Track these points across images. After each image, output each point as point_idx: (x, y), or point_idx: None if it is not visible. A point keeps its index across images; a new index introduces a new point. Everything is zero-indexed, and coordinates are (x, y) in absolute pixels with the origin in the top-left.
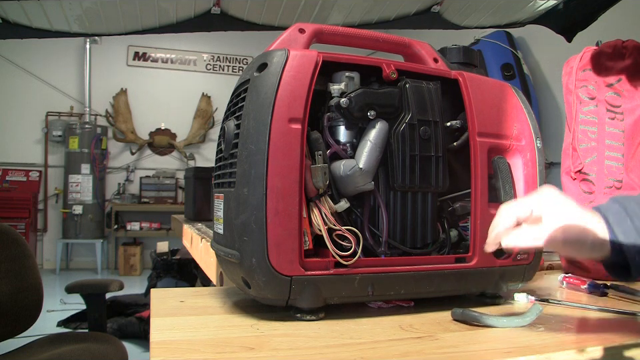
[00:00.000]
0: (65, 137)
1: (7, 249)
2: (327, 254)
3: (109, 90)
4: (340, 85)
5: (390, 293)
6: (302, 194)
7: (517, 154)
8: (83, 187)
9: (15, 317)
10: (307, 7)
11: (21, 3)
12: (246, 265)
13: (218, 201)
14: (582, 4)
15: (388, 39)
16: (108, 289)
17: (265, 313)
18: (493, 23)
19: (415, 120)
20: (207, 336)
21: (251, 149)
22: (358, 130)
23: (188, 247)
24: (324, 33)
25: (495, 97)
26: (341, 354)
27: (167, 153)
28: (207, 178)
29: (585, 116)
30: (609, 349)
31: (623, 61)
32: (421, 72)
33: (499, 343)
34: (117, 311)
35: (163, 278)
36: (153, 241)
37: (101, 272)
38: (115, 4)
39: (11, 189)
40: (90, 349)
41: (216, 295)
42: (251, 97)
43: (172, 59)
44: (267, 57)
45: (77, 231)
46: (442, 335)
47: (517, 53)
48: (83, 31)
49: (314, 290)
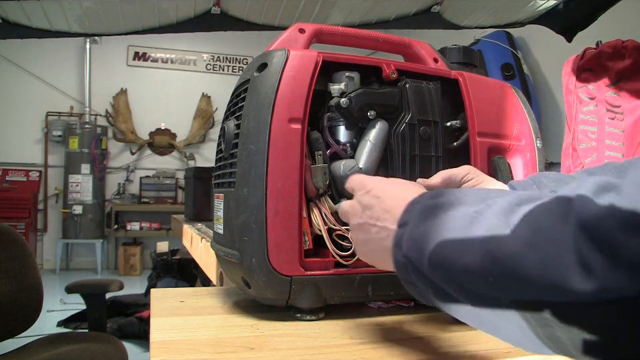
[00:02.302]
0: (64, 137)
1: (7, 249)
2: (327, 254)
3: (108, 90)
4: (340, 85)
5: (390, 292)
6: (302, 194)
7: (517, 154)
8: (83, 187)
9: (14, 317)
10: (306, 7)
11: (20, 3)
12: (246, 265)
13: (218, 200)
14: (582, 4)
15: (388, 39)
16: (108, 288)
17: (264, 312)
18: (492, 23)
19: (415, 120)
20: (206, 336)
21: (251, 149)
22: (358, 130)
23: (188, 247)
24: (324, 32)
25: (495, 97)
26: (341, 354)
27: (167, 153)
28: (207, 178)
29: (585, 116)
30: None
31: (623, 61)
32: (421, 72)
33: (499, 342)
34: (117, 311)
35: (162, 278)
36: (153, 241)
37: (101, 272)
38: (114, 4)
39: (11, 188)
40: (90, 349)
41: (216, 295)
42: (251, 97)
43: (172, 59)
44: (267, 57)
45: (77, 231)
46: (442, 335)
47: (517, 53)
48: (83, 31)
49: (314, 290)
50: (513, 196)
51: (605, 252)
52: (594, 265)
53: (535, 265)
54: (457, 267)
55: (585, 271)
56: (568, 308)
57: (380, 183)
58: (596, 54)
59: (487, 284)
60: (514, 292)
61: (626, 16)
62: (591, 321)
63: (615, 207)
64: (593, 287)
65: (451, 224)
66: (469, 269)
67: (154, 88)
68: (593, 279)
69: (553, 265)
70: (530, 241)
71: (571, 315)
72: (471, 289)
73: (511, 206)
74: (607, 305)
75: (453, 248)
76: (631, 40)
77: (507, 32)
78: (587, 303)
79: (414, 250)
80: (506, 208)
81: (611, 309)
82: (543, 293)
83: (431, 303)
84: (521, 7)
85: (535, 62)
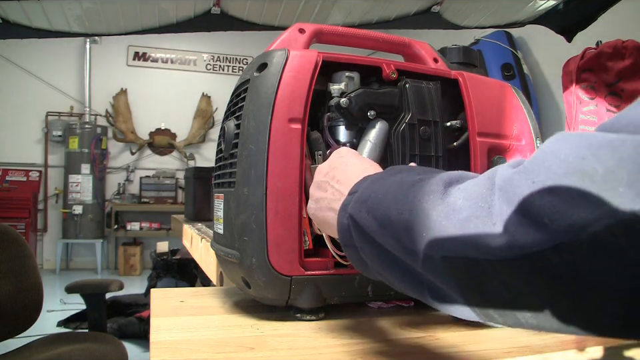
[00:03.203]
0: (65, 137)
1: (7, 249)
2: (327, 254)
3: (108, 90)
4: (340, 84)
5: (390, 292)
6: (302, 194)
7: (517, 154)
8: (83, 187)
9: (14, 317)
10: (306, 7)
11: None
12: (246, 265)
13: (218, 201)
14: (582, 4)
15: (388, 39)
16: (108, 289)
17: (264, 312)
18: (492, 23)
19: (415, 120)
20: (206, 336)
21: (251, 149)
22: (358, 130)
23: (188, 247)
24: (324, 33)
25: (495, 97)
26: (341, 354)
27: (167, 153)
28: (207, 178)
29: (585, 116)
30: (609, 348)
31: (623, 61)
32: (421, 72)
33: (499, 343)
34: (117, 311)
35: (162, 278)
36: (153, 241)
37: (101, 272)
38: (114, 4)
39: (11, 188)
40: (90, 349)
41: (216, 295)
42: (250, 97)
43: (172, 58)
44: (267, 57)
45: (77, 230)
46: (442, 335)
47: (517, 53)
48: (83, 30)
49: (314, 290)
50: (459, 172)
51: (517, 210)
52: (507, 222)
53: (458, 224)
54: (394, 220)
55: (498, 227)
56: (489, 264)
57: (352, 154)
58: (596, 54)
59: (419, 238)
60: (442, 249)
61: (626, 16)
62: (506, 278)
63: (524, 170)
64: (505, 241)
65: (396, 186)
66: (407, 224)
67: (154, 88)
68: (505, 235)
69: (476, 223)
70: (458, 203)
71: (491, 271)
72: (403, 242)
73: (451, 178)
74: (520, 259)
75: (393, 202)
76: (631, 40)
77: (507, 32)
78: (503, 260)
79: (357, 208)
80: (446, 179)
81: (523, 263)
82: (466, 249)
83: (365, 267)
84: (521, 7)
85: (535, 62)
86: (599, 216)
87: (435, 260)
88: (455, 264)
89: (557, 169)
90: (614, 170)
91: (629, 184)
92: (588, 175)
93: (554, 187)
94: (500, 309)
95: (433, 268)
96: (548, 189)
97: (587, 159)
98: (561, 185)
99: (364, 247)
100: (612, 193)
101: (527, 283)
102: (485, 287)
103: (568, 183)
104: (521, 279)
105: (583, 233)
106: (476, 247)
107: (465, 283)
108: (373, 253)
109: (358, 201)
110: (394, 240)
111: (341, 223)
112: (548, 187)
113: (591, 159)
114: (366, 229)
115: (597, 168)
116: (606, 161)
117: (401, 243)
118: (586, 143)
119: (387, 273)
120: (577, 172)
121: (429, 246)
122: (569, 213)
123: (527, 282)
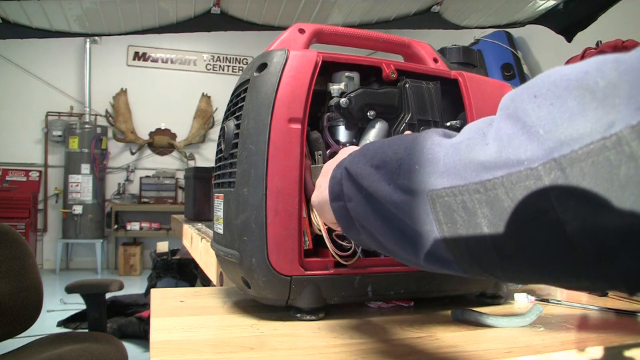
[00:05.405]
0: (64, 136)
1: (7, 249)
2: (327, 254)
3: (108, 90)
4: (340, 85)
5: (390, 292)
6: (302, 194)
7: None
8: (83, 187)
9: (14, 317)
10: (306, 7)
11: (20, 2)
12: (246, 265)
13: (218, 201)
14: (582, 4)
15: (388, 39)
16: (108, 289)
17: (265, 312)
18: (493, 23)
19: (415, 120)
20: (206, 336)
21: (251, 149)
22: (358, 130)
23: (188, 247)
24: (324, 33)
25: (495, 97)
26: (341, 354)
27: (167, 153)
28: (207, 178)
29: None
30: (609, 348)
31: None
32: (421, 72)
33: (499, 342)
34: (117, 311)
35: (162, 278)
36: (153, 241)
37: (100, 272)
38: (114, 4)
39: (11, 188)
40: (90, 349)
41: (216, 295)
42: (250, 97)
43: (172, 59)
44: (267, 56)
45: (77, 230)
46: (442, 335)
47: (517, 53)
48: (83, 31)
49: (314, 290)
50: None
51: (513, 124)
52: (500, 137)
53: (450, 147)
54: (389, 159)
55: (491, 146)
56: (474, 188)
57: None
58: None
59: (412, 172)
60: (425, 183)
61: (626, 16)
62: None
63: (528, 85)
64: (494, 155)
65: (396, 138)
66: (401, 160)
67: (154, 88)
68: (495, 150)
69: (467, 144)
70: (456, 138)
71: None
72: (396, 181)
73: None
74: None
75: (389, 146)
76: (631, 40)
77: (507, 32)
78: (490, 179)
79: (355, 161)
80: (448, 132)
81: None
82: (454, 177)
83: (349, 224)
84: (521, 7)
85: (535, 62)
86: (594, 130)
87: (423, 196)
88: (441, 197)
89: (560, 82)
90: (615, 83)
91: (629, 97)
92: (589, 89)
93: (554, 100)
94: (474, 242)
95: (421, 205)
96: (549, 102)
97: (590, 73)
98: (560, 97)
99: (353, 197)
100: (610, 108)
101: (510, 210)
102: (470, 219)
103: (568, 96)
104: (506, 203)
105: (576, 145)
106: (464, 169)
107: (444, 212)
108: (360, 202)
109: (357, 155)
110: (387, 183)
111: (334, 177)
112: (549, 100)
113: (594, 73)
114: (358, 178)
115: (598, 81)
116: (609, 73)
117: (393, 183)
118: (594, 60)
119: (372, 223)
120: (579, 86)
121: (419, 181)
122: (565, 125)
123: (511, 207)
